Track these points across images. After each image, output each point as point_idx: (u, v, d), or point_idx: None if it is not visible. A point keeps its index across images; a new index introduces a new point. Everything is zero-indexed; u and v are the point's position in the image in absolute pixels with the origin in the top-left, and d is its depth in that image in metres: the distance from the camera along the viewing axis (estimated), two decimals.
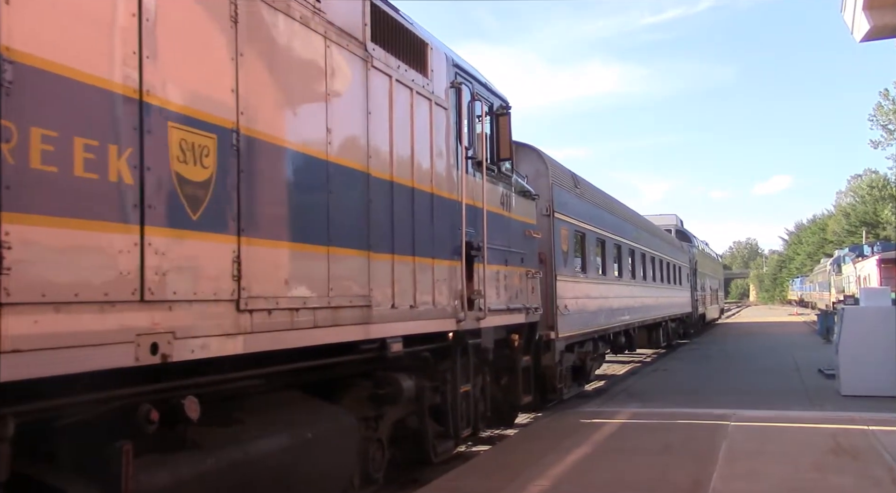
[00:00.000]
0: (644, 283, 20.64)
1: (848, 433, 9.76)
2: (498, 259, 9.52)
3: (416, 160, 7.44)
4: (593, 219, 15.09)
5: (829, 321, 24.34)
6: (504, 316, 9.72)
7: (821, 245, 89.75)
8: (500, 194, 9.74)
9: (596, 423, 10.92)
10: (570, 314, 12.81)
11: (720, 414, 11.27)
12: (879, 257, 38.13)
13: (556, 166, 13.10)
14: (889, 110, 61.61)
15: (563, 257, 12.75)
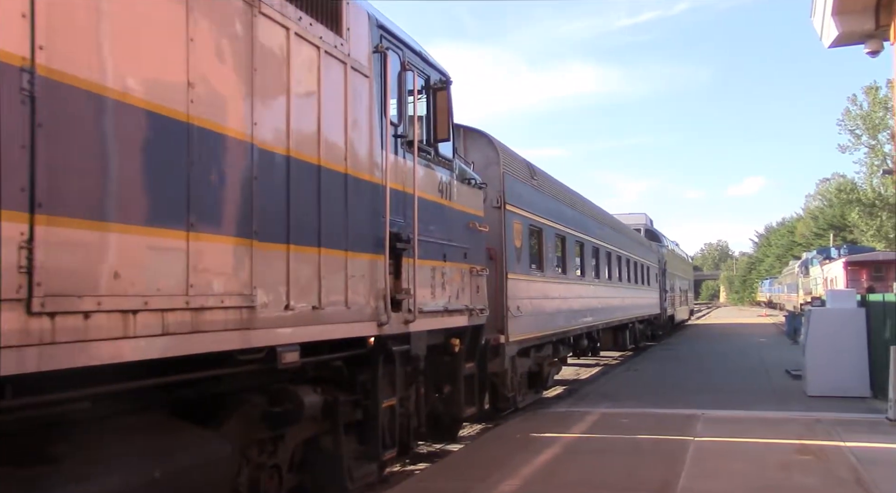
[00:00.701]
0: (609, 283, 19.56)
1: (813, 433, 9.78)
2: (434, 254, 8.33)
3: (325, 134, 6.19)
4: (552, 214, 13.95)
5: (797, 323, 24.27)
6: (441, 318, 8.52)
7: (789, 247, 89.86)
8: (437, 181, 8.54)
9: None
10: (523, 316, 11.65)
11: (689, 414, 11.24)
12: (846, 259, 38.58)
13: (509, 154, 11.93)
14: (856, 115, 62.00)
15: (515, 254, 11.59)
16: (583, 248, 16.43)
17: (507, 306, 11.01)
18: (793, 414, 11.40)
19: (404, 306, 7.50)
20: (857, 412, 11.46)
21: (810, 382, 13.50)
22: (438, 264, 8.42)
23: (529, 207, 12.35)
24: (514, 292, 11.34)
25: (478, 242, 9.78)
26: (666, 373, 18.19)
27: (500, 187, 11.07)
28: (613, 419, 11.09)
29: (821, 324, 13.70)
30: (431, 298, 8.20)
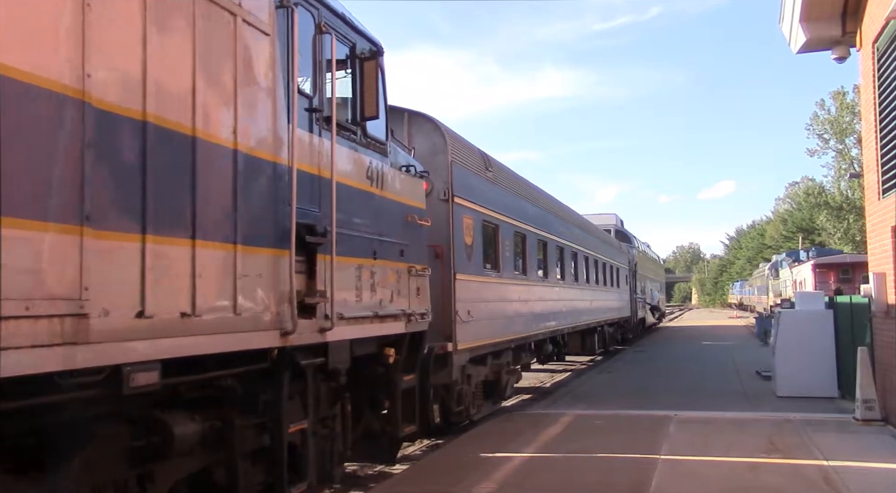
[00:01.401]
0: (575, 284, 18.44)
1: (783, 433, 9.82)
2: (360, 250, 7.11)
3: (203, 98, 4.93)
4: (511, 210, 12.79)
5: (767, 324, 24.29)
6: (370, 325, 7.28)
7: (760, 250, 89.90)
8: (365, 166, 7.32)
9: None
10: (475, 321, 10.48)
11: (662, 416, 11.23)
12: (814, 262, 38.72)
13: (459, 142, 10.73)
14: (825, 120, 62.76)
15: (466, 252, 10.41)
16: (546, 247, 15.28)
17: (456, 309, 9.82)
18: (763, 415, 11.40)
19: (319, 312, 6.27)
20: (825, 412, 11.50)
21: (780, 383, 13.51)
22: (366, 263, 7.20)
23: (483, 202, 11.18)
24: (465, 295, 10.16)
25: (418, 238, 8.58)
26: (637, 376, 17.80)
27: (448, 178, 9.87)
28: (580, 426, 10.70)
29: (790, 325, 13.71)
30: (357, 301, 6.98)
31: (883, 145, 10.24)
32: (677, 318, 66.71)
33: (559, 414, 11.77)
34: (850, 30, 10.90)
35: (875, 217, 10.84)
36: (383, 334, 7.65)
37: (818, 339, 13.32)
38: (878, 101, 10.36)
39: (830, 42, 11.20)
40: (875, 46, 10.27)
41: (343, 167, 6.82)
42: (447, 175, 9.84)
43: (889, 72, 9.77)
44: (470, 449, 9.39)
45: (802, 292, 20.22)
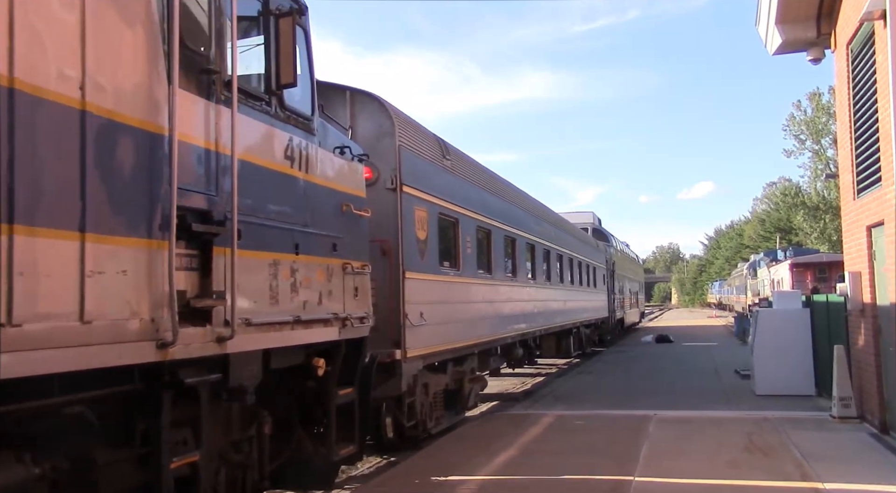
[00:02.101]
0: (548, 284, 17.31)
1: (761, 431, 9.81)
2: (277, 243, 5.90)
3: (23, 38, 3.77)
4: (473, 203, 11.62)
5: (745, 324, 24.20)
6: (291, 332, 6.06)
7: (738, 250, 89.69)
8: (284, 143, 6.11)
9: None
10: (429, 325, 9.30)
11: (642, 415, 11.21)
12: (791, 261, 38.58)
13: (410, 125, 9.51)
14: (801, 121, 62.52)
15: (418, 248, 9.23)
16: (514, 244, 14.14)
17: (406, 312, 8.63)
18: (742, 413, 11.41)
19: (216, 317, 5.07)
20: (802, 410, 11.48)
21: (758, 381, 13.45)
22: (285, 258, 5.99)
23: (439, 192, 10.00)
24: (417, 296, 8.98)
25: (357, 230, 7.38)
26: (617, 376, 17.37)
27: (396, 164, 8.68)
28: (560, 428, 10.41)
29: (768, 324, 13.64)
30: (272, 304, 5.77)
31: (857, 146, 10.15)
32: (657, 318, 66.07)
33: (539, 415, 11.58)
34: (824, 32, 10.93)
35: (850, 217, 10.77)
36: (310, 341, 6.45)
37: (795, 338, 13.30)
38: (852, 102, 10.30)
39: (806, 44, 11.22)
40: (849, 48, 10.24)
41: (251, 143, 5.61)
42: (395, 161, 8.65)
43: (862, 73, 9.70)
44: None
45: (780, 292, 20.01)
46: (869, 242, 9.82)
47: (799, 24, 10.97)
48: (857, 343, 10.69)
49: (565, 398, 13.70)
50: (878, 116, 9.01)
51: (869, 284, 9.84)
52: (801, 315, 13.63)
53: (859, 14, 8.88)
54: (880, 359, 9.70)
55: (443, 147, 10.52)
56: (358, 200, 7.41)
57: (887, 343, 9.29)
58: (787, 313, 13.79)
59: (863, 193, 10.01)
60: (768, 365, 13.31)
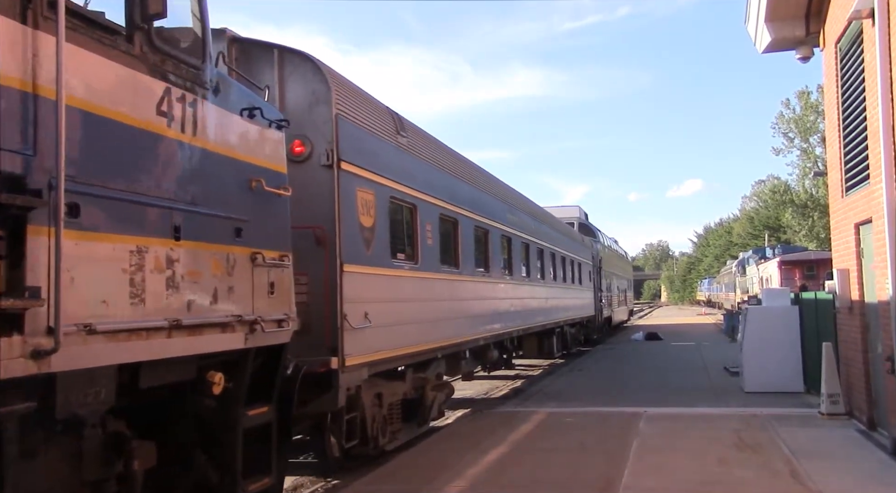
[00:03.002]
0: (528, 281, 15.88)
1: (750, 428, 9.76)
2: (144, 223, 4.44)
3: None
4: (436, 188, 10.16)
5: (734, 321, 23.93)
6: (166, 341, 4.65)
7: (727, 248, 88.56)
8: (156, 95, 4.64)
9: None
10: (376, 327, 7.87)
11: (632, 412, 11.08)
12: (780, 259, 38.34)
13: (353, 92, 7.97)
14: (790, 119, 61.69)
15: (362, 237, 7.77)
16: (487, 237, 12.71)
17: (345, 312, 7.19)
18: (731, 410, 11.31)
19: (31, 323, 3.65)
20: (791, 407, 11.38)
21: (747, 378, 13.32)
22: (158, 243, 4.55)
23: (391, 174, 8.55)
24: (360, 293, 7.54)
25: (272, 213, 5.94)
26: (606, 376, 16.80)
27: (332, 137, 7.23)
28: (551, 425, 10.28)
29: (757, 322, 13.50)
30: (135, 304, 4.32)
31: (846, 144, 10.04)
32: (646, 315, 65.12)
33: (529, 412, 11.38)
34: (813, 30, 10.91)
35: (839, 214, 10.67)
36: (200, 352, 5.03)
37: (784, 335, 13.16)
38: (840, 100, 10.21)
39: (794, 42, 11.20)
40: (837, 47, 10.17)
41: (99, 89, 4.17)
42: (331, 133, 7.20)
43: (851, 72, 9.62)
44: None
45: (769, 289, 19.76)
46: (857, 239, 9.74)
47: (788, 22, 10.87)
48: (845, 340, 10.58)
49: (556, 396, 13.37)
50: (867, 114, 8.90)
51: (857, 281, 9.75)
52: (789, 312, 13.47)
53: (847, 13, 8.78)
54: (868, 356, 9.56)
55: (397, 122, 9.07)
56: (273, 176, 5.97)
57: (875, 340, 9.12)
58: (776, 310, 13.64)
59: (851, 190, 9.88)
60: (757, 362, 13.15)
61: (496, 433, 9.69)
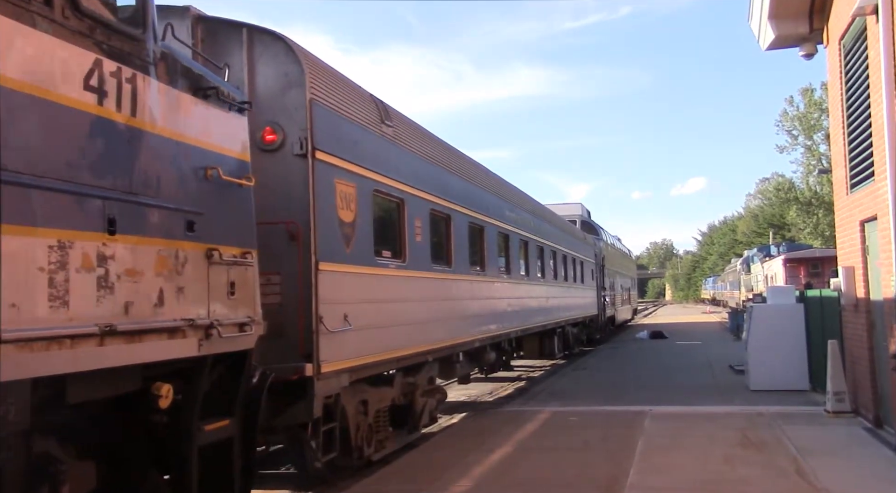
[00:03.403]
0: (527, 280, 15.24)
1: (755, 426, 9.63)
2: (67, 215, 3.85)
3: None
4: (426, 181, 9.50)
5: (739, 319, 23.64)
6: (98, 349, 4.03)
7: (731, 246, 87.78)
8: (84, 68, 4.01)
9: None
10: (357, 330, 7.24)
11: (637, 411, 10.97)
12: (785, 257, 37.99)
13: (331, 75, 7.26)
14: (793, 117, 60.81)
15: (341, 233, 7.14)
16: (483, 234, 12.06)
17: (321, 315, 6.56)
18: (736, 408, 11.19)
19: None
20: (796, 405, 11.24)
21: (752, 376, 13.19)
22: (86, 238, 3.94)
23: (374, 165, 7.92)
24: (338, 293, 6.92)
25: (233, 205, 5.32)
26: (610, 375, 16.40)
27: (307, 123, 6.59)
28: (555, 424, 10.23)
29: (762, 320, 13.38)
30: (54, 307, 3.70)
31: (850, 141, 9.92)
32: (650, 314, 64.48)
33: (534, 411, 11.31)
34: (817, 27, 10.81)
35: (843, 212, 10.55)
36: (141, 360, 4.41)
37: (789, 333, 13.02)
38: (844, 97, 10.08)
39: (798, 39, 11.12)
40: (841, 43, 10.04)
41: (9, 57, 3.56)
42: (305, 119, 6.57)
43: (855, 68, 9.54)
44: None
45: (774, 287, 19.65)
46: (862, 236, 9.64)
47: (791, 19, 10.78)
48: (850, 338, 10.45)
49: (560, 395, 13.21)
50: (871, 110, 8.79)
51: (862, 278, 9.64)
52: (795, 310, 13.30)
53: (851, 9, 8.68)
54: (874, 353, 9.45)
55: (382, 110, 8.42)
56: (234, 164, 5.36)
57: (881, 338, 9.02)
58: (781, 308, 13.48)
59: (856, 188, 9.78)
60: (762, 360, 13.02)
61: (500, 433, 9.54)
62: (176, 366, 4.82)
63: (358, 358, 7.31)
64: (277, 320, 6.44)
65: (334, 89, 7.20)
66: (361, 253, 7.50)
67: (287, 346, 6.42)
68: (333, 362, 6.75)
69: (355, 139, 7.51)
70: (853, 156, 9.85)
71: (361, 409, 8.24)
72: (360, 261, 7.45)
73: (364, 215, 7.60)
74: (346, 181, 7.23)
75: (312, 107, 6.65)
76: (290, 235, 6.48)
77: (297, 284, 6.45)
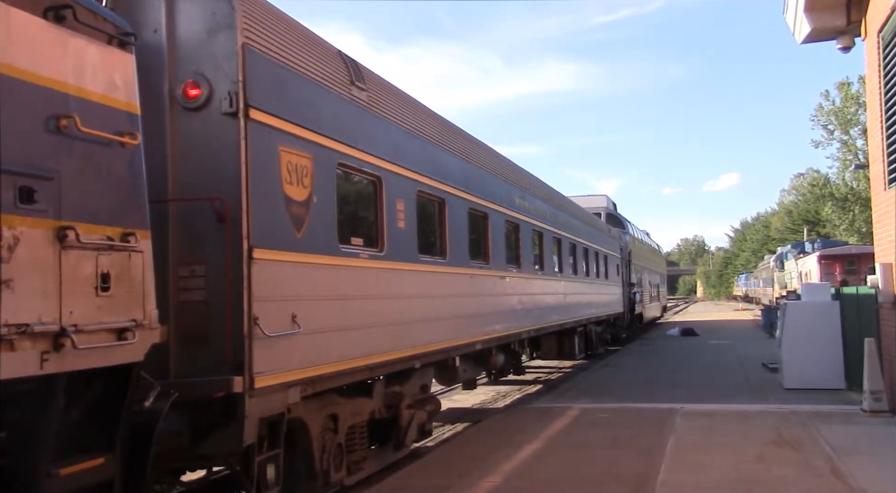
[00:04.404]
0: (542, 274, 13.64)
1: (789, 425, 9.41)
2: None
3: None
4: (411, 157, 7.78)
5: (773, 316, 23.00)
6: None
7: (764, 242, 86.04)
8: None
9: None
10: (311, 335, 5.79)
11: (668, 409, 10.77)
12: (820, 253, 37.09)
13: (274, 17, 5.66)
14: (829, 111, 58.87)
15: (289, 214, 5.67)
16: (487, 222, 10.53)
17: (255, 315, 5.15)
18: (769, 407, 10.93)
19: None
20: (832, 404, 10.95)
21: (786, 375, 12.89)
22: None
23: (339, 133, 6.38)
24: (282, 288, 5.48)
25: (104, 169, 3.93)
26: (640, 372, 15.79)
27: (237, 75, 5.14)
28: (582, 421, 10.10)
29: (796, 317, 13.08)
30: None
31: (889, 135, 9.60)
32: (681, 311, 62.57)
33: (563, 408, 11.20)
34: (854, 19, 10.50)
35: (881, 208, 10.26)
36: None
37: (825, 330, 12.62)
38: (883, 91, 9.77)
39: (835, 32, 10.83)
40: (880, 36, 9.72)
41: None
42: (235, 70, 5.15)
43: (894, 62, 9.27)
44: None
45: (808, 284, 18.97)
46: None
47: (828, 12, 10.53)
48: (888, 336, 10.17)
49: (589, 392, 12.91)
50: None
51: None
52: (830, 308, 12.87)
53: (891, 1, 8.50)
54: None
55: (352, 70, 6.93)
56: (108, 116, 3.94)
57: None
58: (817, 305, 13.08)
59: (894, 183, 9.49)
60: (797, 358, 12.66)
61: (529, 429, 9.38)
62: (17, 387, 3.44)
63: (314, 368, 5.88)
64: (202, 323, 5.06)
65: (280, 36, 5.74)
66: (319, 239, 6.05)
67: (213, 355, 5.01)
68: (275, 374, 5.32)
69: (311, 100, 6.05)
70: (891, 150, 9.45)
71: (330, 425, 6.83)
72: (317, 249, 6.01)
73: (324, 194, 6.15)
74: (298, 150, 5.78)
75: (246, 54, 5.21)
76: (218, 215, 5.06)
77: (225, 276, 5.03)
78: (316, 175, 5.99)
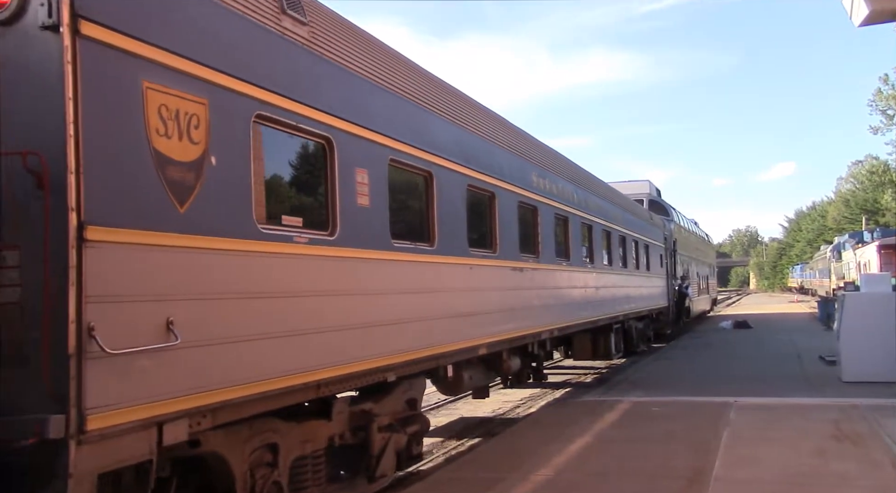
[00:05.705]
0: (567, 265, 11.72)
1: (849, 419, 9.12)
2: None
3: None
4: (377, 116, 5.73)
5: (830, 308, 22.39)
6: None
7: (820, 232, 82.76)
8: None
9: None
10: (199, 348, 4.12)
11: (722, 402, 10.41)
12: (879, 243, 35.71)
13: None
14: (888, 96, 55.76)
15: (161, 178, 3.81)
16: (493, 202, 8.62)
17: (90, 323, 3.47)
18: (827, 400, 10.52)
19: None
20: (893, 397, 10.29)
21: (845, 368, 12.47)
22: None
23: (256, 75, 4.44)
24: (147, 283, 3.76)
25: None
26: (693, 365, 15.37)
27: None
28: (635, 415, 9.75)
29: (855, 309, 12.71)
30: None
31: None
32: (734, 304, 59.71)
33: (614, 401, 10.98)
34: None
35: None
36: None
37: (885, 322, 12.07)
38: None
39: (894, 14, 10.04)
40: None
41: None
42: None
43: None
44: None
45: (867, 274, 18.32)
46: None
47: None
48: None
49: (641, 385, 12.63)
50: None
51: None
52: (890, 299, 12.41)
53: None
54: None
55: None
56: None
57: None
58: (876, 296, 12.71)
59: None
60: (856, 351, 12.27)
61: (580, 423, 9.20)
62: None
63: (208, 392, 4.19)
64: (15, 335, 3.41)
65: None
66: (220, 216, 4.37)
67: (33, 382, 3.35)
68: (129, 406, 3.65)
69: (203, 24, 4.36)
70: None
71: (267, 458, 5.17)
72: (216, 229, 4.32)
73: (231, 155, 4.47)
74: (180, 91, 4.10)
75: None
76: (38, 178, 3.39)
77: (44, 266, 3.36)
78: (214, 128, 4.31)
